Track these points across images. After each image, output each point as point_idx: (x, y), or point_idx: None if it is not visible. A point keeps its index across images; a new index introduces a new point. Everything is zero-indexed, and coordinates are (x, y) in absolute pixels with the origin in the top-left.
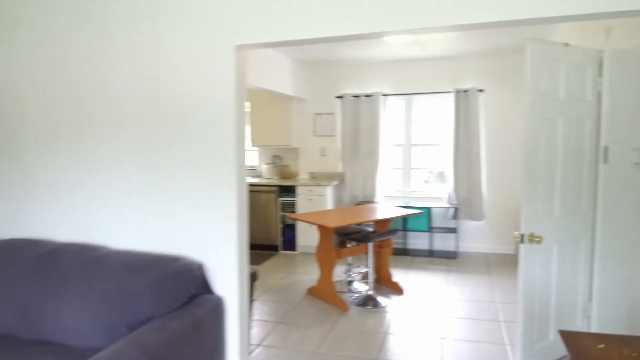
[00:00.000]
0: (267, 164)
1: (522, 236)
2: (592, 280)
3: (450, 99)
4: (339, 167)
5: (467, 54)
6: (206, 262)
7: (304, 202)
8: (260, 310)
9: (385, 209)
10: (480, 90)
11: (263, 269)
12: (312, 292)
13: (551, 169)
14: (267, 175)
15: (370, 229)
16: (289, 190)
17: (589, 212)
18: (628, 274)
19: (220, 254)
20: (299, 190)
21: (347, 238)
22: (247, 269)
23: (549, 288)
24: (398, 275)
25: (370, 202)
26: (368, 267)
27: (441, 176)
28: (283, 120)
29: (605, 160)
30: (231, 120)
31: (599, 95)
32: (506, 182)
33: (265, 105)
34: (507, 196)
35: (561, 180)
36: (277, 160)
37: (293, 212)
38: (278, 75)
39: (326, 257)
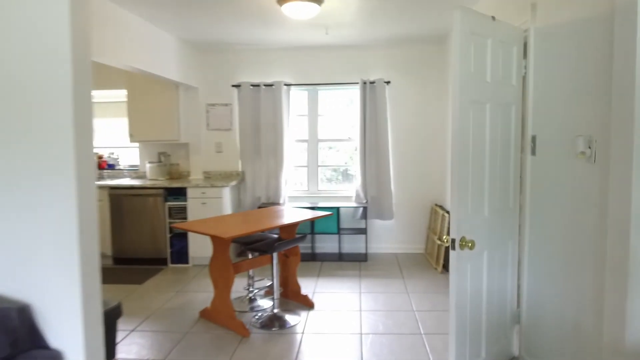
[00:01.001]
0: (150, 162)
1: (452, 241)
2: (520, 284)
3: (356, 91)
4: (238, 166)
5: (374, 43)
6: (35, 303)
7: (196, 207)
8: (138, 346)
9: (291, 212)
10: (387, 82)
11: (145, 289)
12: (206, 315)
13: (480, 162)
14: (151, 176)
15: (276, 236)
16: (179, 193)
17: (516, 209)
18: (561, 279)
19: (55, 289)
20: (191, 193)
21: (247, 248)
22: (99, 305)
23: (480, 298)
24: (307, 286)
25: (275, 204)
26: (273, 281)
27: (348, 174)
28: (169, 112)
29: (533, 152)
30: (64, 95)
31: (523, 79)
32: (414, 178)
33: (145, 93)
34: (415, 193)
35: (489, 174)
36: (164, 158)
37: (184, 218)
38: (161, 57)
39: (222, 273)
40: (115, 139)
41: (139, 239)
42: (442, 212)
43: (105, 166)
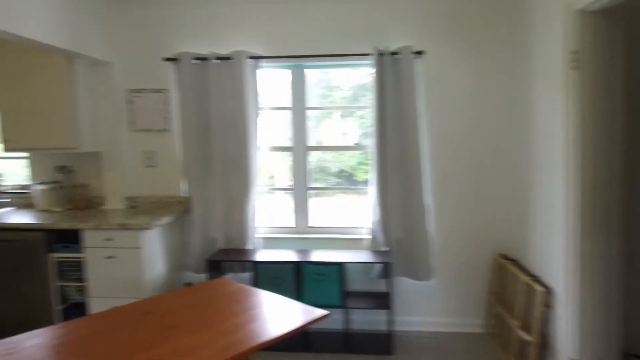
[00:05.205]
0: (41, 183)
1: None
2: None
3: (368, 67)
4: (181, 188)
5: None
6: None
7: (99, 263)
8: None
9: (264, 297)
10: (418, 53)
11: None
12: None
13: None
14: (44, 205)
15: None
16: (72, 239)
17: None
18: None
19: None
20: (90, 239)
21: None
22: None
23: None
24: None
25: (239, 249)
26: None
27: (359, 198)
28: (60, 102)
29: None
30: None
31: None
32: (466, 210)
33: (24, 72)
34: (469, 234)
35: None
36: (64, 177)
37: (79, 278)
38: (25, 4)
39: None
40: None
41: (9, 311)
42: (514, 269)
43: None
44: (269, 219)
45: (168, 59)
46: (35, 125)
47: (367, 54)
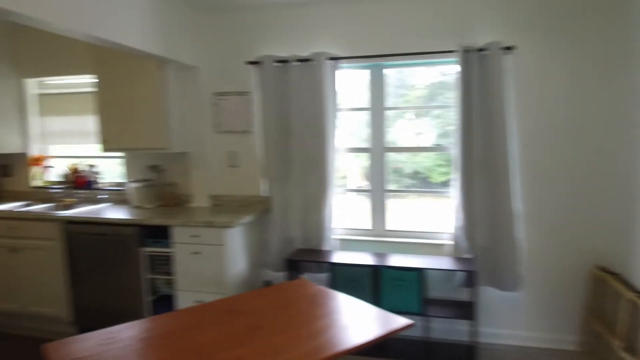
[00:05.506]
0: (135, 182)
1: None
2: None
3: (452, 65)
4: (262, 188)
5: None
6: None
7: (185, 258)
8: None
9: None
10: (508, 48)
11: None
12: None
13: None
14: (138, 202)
15: None
16: (162, 234)
17: None
18: None
19: None
20: (178, 235)
21: None
22: None
23: None
24: None
25: (316, 250)
26: None
27: (435, 200)
28: (154, 106)
29: None
30: None
31: None
32: (561, 217)
33: (121, 78)
34: (563, 244)
35: None
36: (155, 175)
37: (167, 272)
38: (129, 17)
39: None
40: (91, 145)
41: (104, 300)
42: (616, 283)
43: (83, 184)
44: (345, 220)
45: (251, 63)
46: (130, 127)
47: (452, 51)
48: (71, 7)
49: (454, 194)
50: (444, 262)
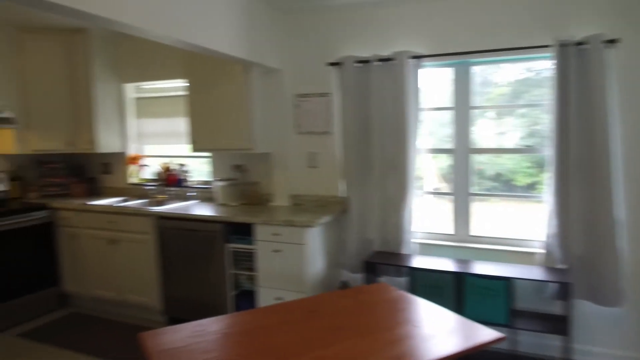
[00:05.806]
0: (220, 180)
1: None
2: None
3: (547, 60)
4: (340, 189)
5: None
6: None
7: (267, 255)
8: None
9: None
10: (611, 42)
11: None
12: None
13: None
14: (223, 200)
15: None
16: (245, 231)
17: None
18: None
19: None
20: (260, 233)
21: None
22: None
23: None
24: None
25: (394, 253)
26: None
27: (521, 205)
28: (239, 107)
29: None
30: None
31: None
32: None
33: (209, 83)
34: None
35: None
36: (239, 175)
37: (250, 268)
38: (217, 22)
39: None
40: (182, 145)
41: (191, 292)
42: None
43: (174, 181)
44: (426, 224)
45: (332, 64)
46: (217, 129)
47: (545, 46)
48: (166, 16)
49: (547, 198)
50: (534, 272)
